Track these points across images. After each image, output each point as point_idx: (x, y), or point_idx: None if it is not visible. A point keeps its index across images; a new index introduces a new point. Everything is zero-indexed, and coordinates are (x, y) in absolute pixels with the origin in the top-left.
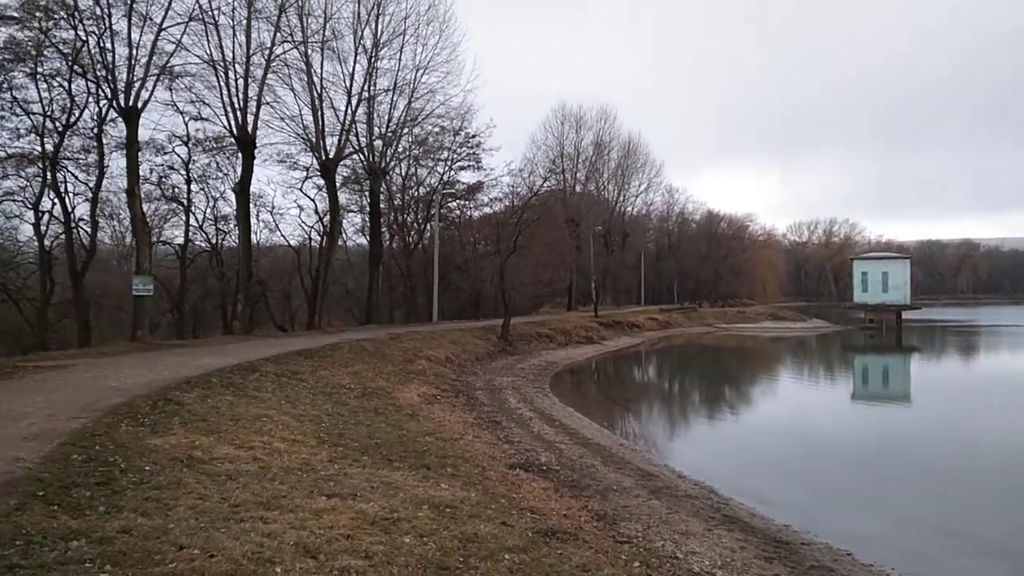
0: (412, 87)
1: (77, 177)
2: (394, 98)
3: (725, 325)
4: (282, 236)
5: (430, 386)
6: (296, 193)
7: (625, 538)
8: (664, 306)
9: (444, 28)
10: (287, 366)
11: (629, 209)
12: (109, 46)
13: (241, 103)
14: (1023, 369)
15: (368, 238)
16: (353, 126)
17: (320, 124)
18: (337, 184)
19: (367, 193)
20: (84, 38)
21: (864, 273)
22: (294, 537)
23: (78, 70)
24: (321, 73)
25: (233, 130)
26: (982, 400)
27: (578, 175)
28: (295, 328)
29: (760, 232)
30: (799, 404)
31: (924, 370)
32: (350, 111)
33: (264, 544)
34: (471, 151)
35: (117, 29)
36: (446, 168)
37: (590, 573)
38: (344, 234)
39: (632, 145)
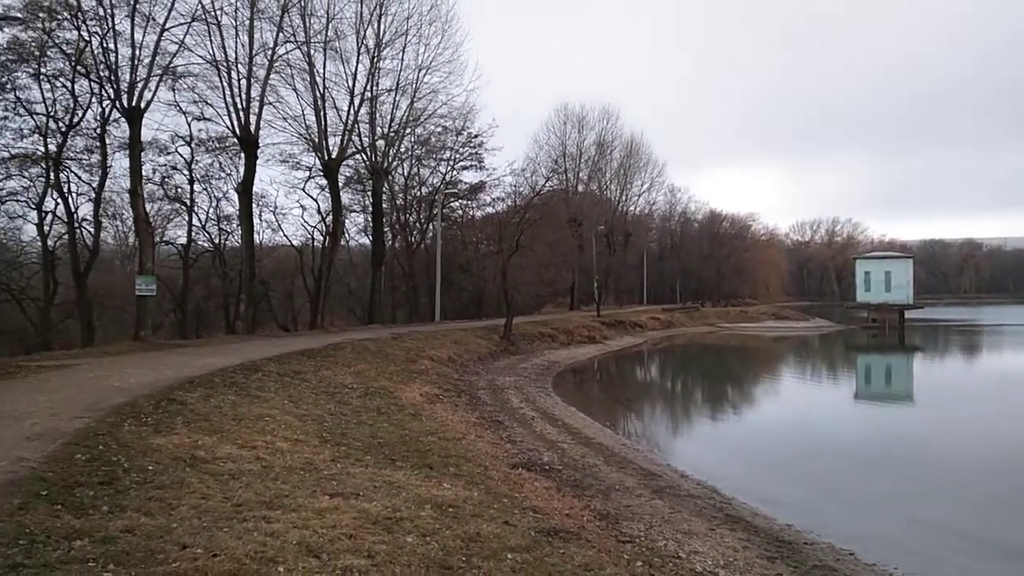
0: (414, 87)
1: (80, 177)
2: (396, 98)
3: (728, 325)
4: (285, 236)
5: (433, 386)
6: (299, 193)
7: (628, 538)
8: (667, 306)
9: (446, 28)
10: (290, 366)
11: (632, 209)
12: (112, 46)
13: (244, 103)
14: None
15: (371, 238)
16: (356, 126)
17: (323, 124)
18: (340, 184)
19: (370, 193)
20: (87, 39)
21: (867, 272)
22: (297, 536)
23: (81, 70)
24: (324, 73)
25: (236, 130)
26: (985, 400)
27: (580, 175)
28: (298, 328)
29: (763, 232)
30: (802, 404)
31: (927, 370)
32: (352, 111)
33: (267, 543)
34: (473, 151)
35: (120, 29)
36: (448, 168)
37: (593, 573)
38: (347, 234)
39: (634, 145)
